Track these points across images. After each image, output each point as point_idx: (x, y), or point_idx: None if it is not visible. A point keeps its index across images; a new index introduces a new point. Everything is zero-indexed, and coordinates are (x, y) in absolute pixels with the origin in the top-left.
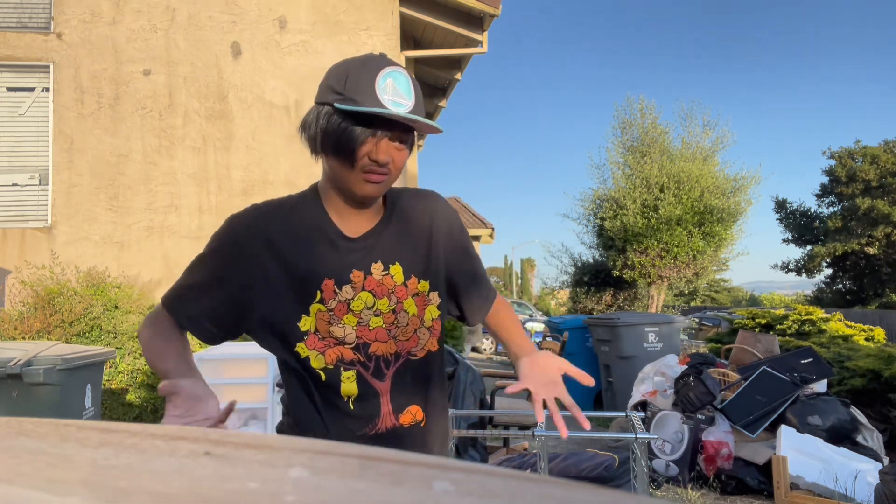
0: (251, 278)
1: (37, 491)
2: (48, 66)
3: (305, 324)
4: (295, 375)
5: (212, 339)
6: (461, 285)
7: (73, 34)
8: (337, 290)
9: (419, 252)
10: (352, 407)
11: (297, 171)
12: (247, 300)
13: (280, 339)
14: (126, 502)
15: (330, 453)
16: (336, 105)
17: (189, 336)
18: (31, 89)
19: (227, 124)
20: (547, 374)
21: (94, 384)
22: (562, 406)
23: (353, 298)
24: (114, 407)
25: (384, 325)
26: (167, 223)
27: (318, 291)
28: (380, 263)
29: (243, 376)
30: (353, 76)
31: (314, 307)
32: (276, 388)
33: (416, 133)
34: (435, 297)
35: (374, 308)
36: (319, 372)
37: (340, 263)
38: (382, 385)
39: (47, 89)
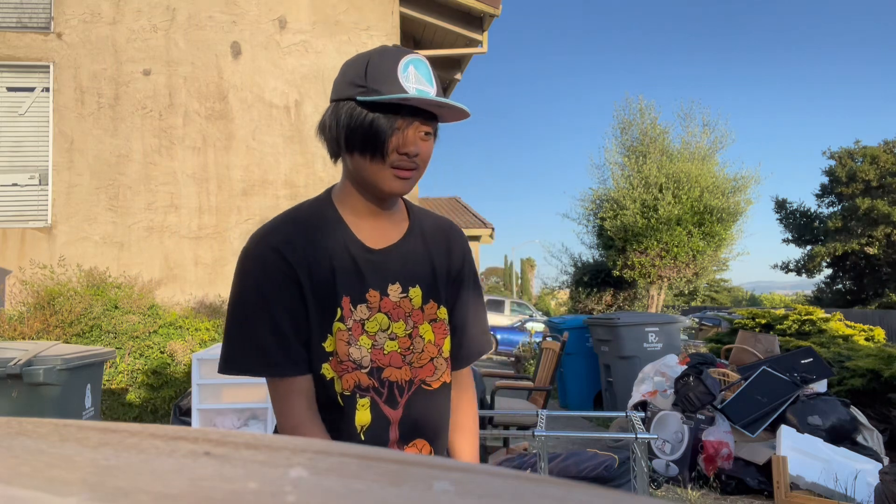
0: (297, 297)
1: (37, 491)
2: (48, 66)
3: (330, 344)
4: (319, 398)
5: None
6: (460, 325)
7: (73, 34)
8: (353, 309)
9: (440, 277)
10: (363, 438)
11: (296, 170)
12: (302, 321)
13: (313, 360)
14: (126, 502)
15: (330, 453)
16: (359, 98)
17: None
18: (31, 89)
19: (227, 124)
20: None
21: (94, 384)
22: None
23: (367, 319)
24: (114, 407)
25: (399, 350)
26: (167, 223)
27: (339, 308)
28: (398, 285)
29: (243, 376)
30: (373, 66)
31: (336, 325)
32: None
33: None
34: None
35: (390, 331)
36: (339, 398)
37: (358, 281)
38: (394, 413)
39: (47, 89)
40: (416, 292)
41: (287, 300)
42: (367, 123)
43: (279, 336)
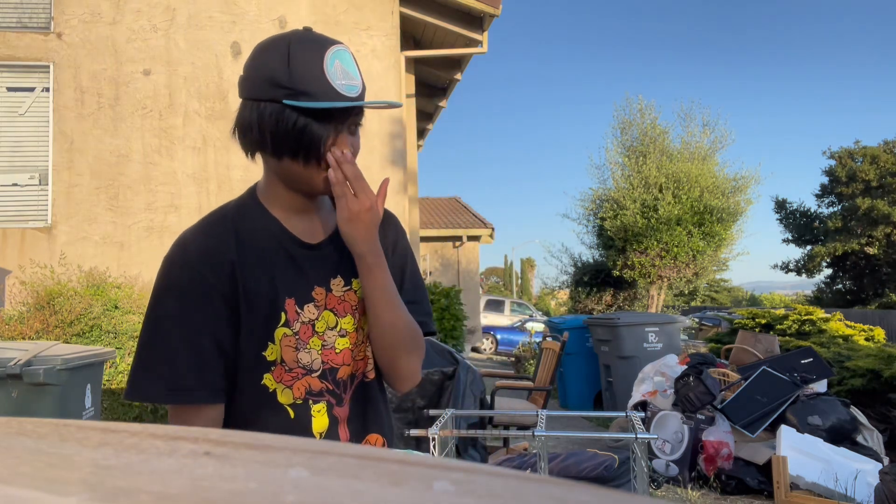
0: (223, 312)
1: (37, 491)
2: (48, 66)
3: (272, 353)
4: (258, 415)
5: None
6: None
7: (73, 34)
8: (299, 311)
9: None
10: None
11: None
12: (226, 339)
13: (245, 373)
14: (126, 502)
15: (330, 453)
16: (287, 102)
17: None
18: (31, 89)
19: (227, 124)
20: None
21: (94, 384)
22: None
23: (317, 319)
24: (114, 407)
25: (350, 347)
26: (167, 223)
27: (283, 313)
28: (340, 279)
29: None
30: (296, 64)
31: (279, 332)
32: None
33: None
34: None
35: (338, 328)
36: (287, 409)
37: (300, 279)
38: (342, 411)
39: (47, 89)
40: (358, 284)
41: (211, 316)
42: (298, 130)
43: (196, 358)
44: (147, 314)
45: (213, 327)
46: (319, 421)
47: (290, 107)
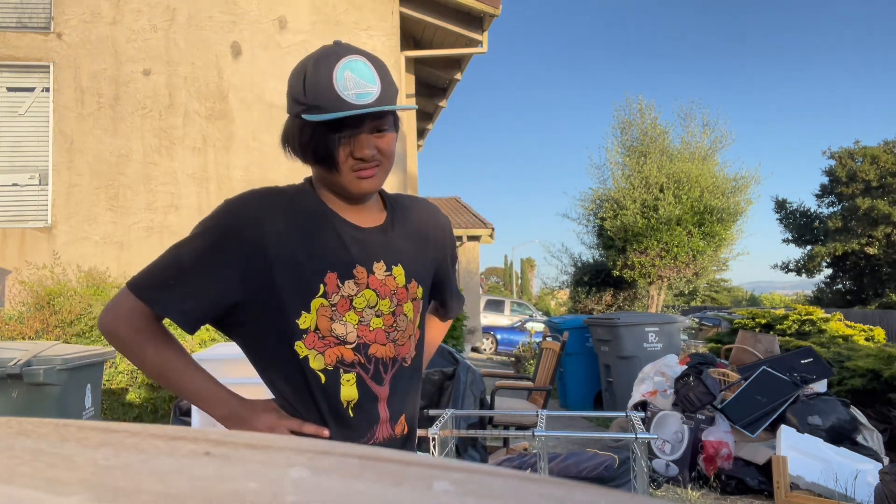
0: (250, 269)
1: (37, 491)
2: (48, 66)
3: (305, 321)
4: (289, 379)
5: (192, 330)
6: (445, 287)
7: (73, 34)
8: (340, 285)
9: (419, 257)
10: (351, 414)
11: (297, 171)
12: (242, 293)
13: (276, 338)
14: (126, 502)
15: (330, 453)
16: (303, 117)
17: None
18: (31, 89)
19: (227, 124)
20: None
21: (94, 384)
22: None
23: (356, 295)
24: (114, 407)
25: (383, 327)
26: (167, 223)
27: (322, 285)
28: (382, 263)
29: (243, 376)
30: (310, 81)
31: (316, 302)
32: None
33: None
34: (422, 305)
35: (377, 308)
36: (319, 374)
37: (345, 256)
38: (381, 390)
39: (47, 89)
40: (398, 271)
41: (221, 274)
42: (315, 141)
43: (184, 279)
44: (183, 239)
45: (224, 271)
46: (347, 390)
47: (307, 121)
